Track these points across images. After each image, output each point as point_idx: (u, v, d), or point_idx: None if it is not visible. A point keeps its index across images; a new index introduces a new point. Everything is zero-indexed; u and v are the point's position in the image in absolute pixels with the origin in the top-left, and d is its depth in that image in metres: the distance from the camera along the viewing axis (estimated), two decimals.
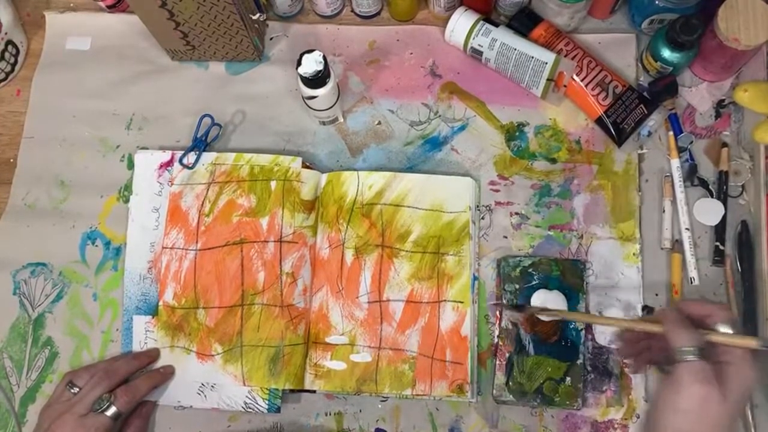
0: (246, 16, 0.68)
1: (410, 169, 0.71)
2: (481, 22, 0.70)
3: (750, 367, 0.45)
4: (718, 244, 0.66)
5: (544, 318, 0.63)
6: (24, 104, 0.75)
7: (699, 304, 0.49)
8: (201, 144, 0.70)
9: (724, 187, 0.68)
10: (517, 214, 0.69)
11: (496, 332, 0.65)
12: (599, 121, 0.69)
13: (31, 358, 0.67)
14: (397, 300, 0.65)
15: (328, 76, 0.65)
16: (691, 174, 0.69)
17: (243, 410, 0.64)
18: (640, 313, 0.65)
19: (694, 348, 0.45)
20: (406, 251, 0.66)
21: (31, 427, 0.63)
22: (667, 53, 0.67)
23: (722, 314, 0.47)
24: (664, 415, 0.45)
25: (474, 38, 0.70)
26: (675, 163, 0.68)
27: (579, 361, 0.63)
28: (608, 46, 0.73)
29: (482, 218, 0.69)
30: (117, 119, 0.74)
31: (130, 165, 0.72)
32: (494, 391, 0.64)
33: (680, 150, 0.69)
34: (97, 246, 0.70)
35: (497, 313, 0.65)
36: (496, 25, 0.70)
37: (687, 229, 0.67)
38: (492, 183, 0.70)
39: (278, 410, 0.64)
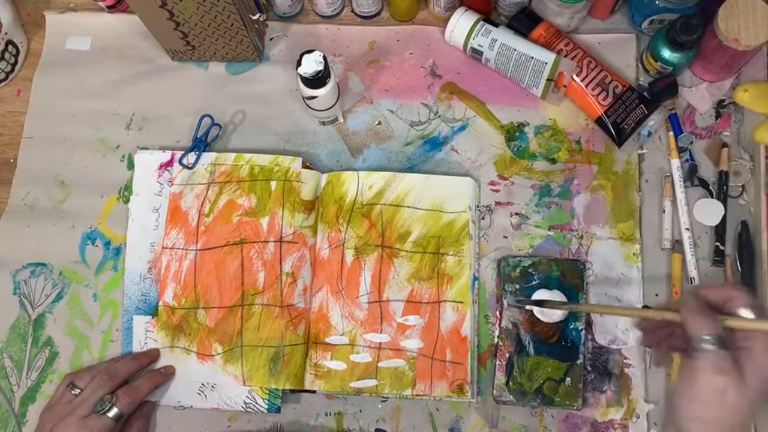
0: (246, 16, 0.68)
1: (410, 169, 0.71)
2: (481, 22, 0.70)
3: None
4: (718, 244, 0.66)
5: (561, 310, 0.60)
6: (24, 104, 0.75)
7: (719, 289, 0.46)
8: (201, 144, 0.70)
9: (724, 188, 0.68)
10: (517, 214, 0.69)
11: (496, 332, 0.65)
12: (599, 121, 0.69)
13: (31, 358, 0.67)
14: (397, 300, 0.65)
15: (328, 76, 0.65)
16: (691, 174, 0.69)
17: (243, 410, 0.64)
18: None
19: (712, 336, 0.43)
20: (406, 251, 0.66)
21: (32, 427, 0.63)
22: (667, 53, 0.67)
23: (744, 298, 0.45)
24: (682, 402, 0.45)
25: (474, 38, 0.70)
26: (675, 163, 0.68)
27: (579, 361, 0.63)
28: (608, 46, 0.73)
29: (482, 218, 0.69)
30: (117, 119, 0.74)
31: (130, 165, 0.72)
32: (494, 392, 0.64)
33: (680, 150, 0.69)
34: (97, 246, 0.70)
35: (497, 313, 0.65)
36: (496, 25, 0.70)
37: (687, 229, 0.67)
38: (492, 183, 0.70)
39: (278, 410, 0.64)
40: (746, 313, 0.44)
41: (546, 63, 0.67)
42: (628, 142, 0.69)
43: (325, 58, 0.63)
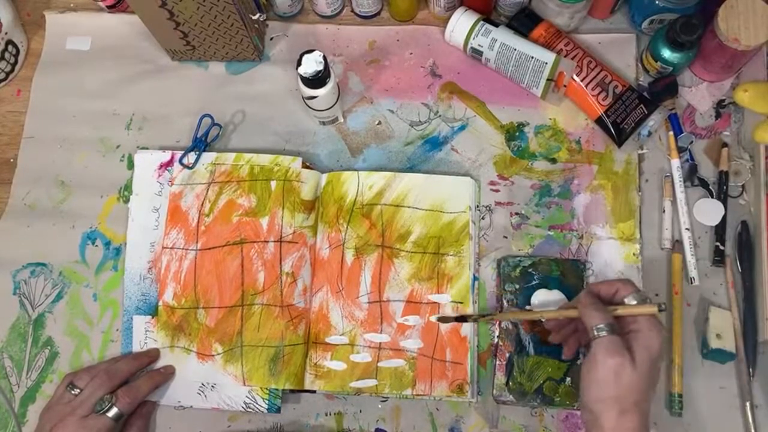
0: (246, 16, 0.68)
1: (410, 169, 0.71)
2: (481, 22, 0.70)
3: (656, 331, 0.50)
4: (718, 244, 0.66)
5: (471, 322, 0.64)
6: (24, 104, 0.75)
7: (608, 284, 0.54)
8: (201, 144, 0.70)
9: (724, 187, 0.68)
10: (517, 214, 0.69)
11: (496, 332, 0.65)
12: (599, 121, 0.69)
13: (31, 358, 0.67)
14: (397, 300, 0.65)
15: (328, 76, 0.65)
16: (691, 174, 0.69)
17: (243, 410, 0.64)
18: None
19: (604, 325, 0.50)
20: (406, 251, 0.66)
21: (31, 427, 0.63)
22: (667, 53, 0.67)
23: (627, 288, 0.52)
24: (586, 387, 0.50)
25: (474, 38, 0.70)
26: (675, 163, 0.68)
27: (579, 362, 0.63)
28: (608, 46, 0.73)
29: (482, 218, 0.69)
30: (117, 119, 0.74)
31: (130, 165, 0.72)
32: (494, 391, 0.64)
33: (680, 150, 0.69)
34: (97, 246, 0.70)
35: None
36: (496, 25, 0.70)
37: (687, 229, 0.67)
38: (492, 183, 0.70)
39: (278, 410, 0.64)
40: (631, 300, 0.52)
41: (546, 63, 0.67)
42: (628, 142, 0.69)
43: (325, 58, 0.63)
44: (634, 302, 0.52)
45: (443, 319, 0.64)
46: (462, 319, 0.64)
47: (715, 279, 0.66)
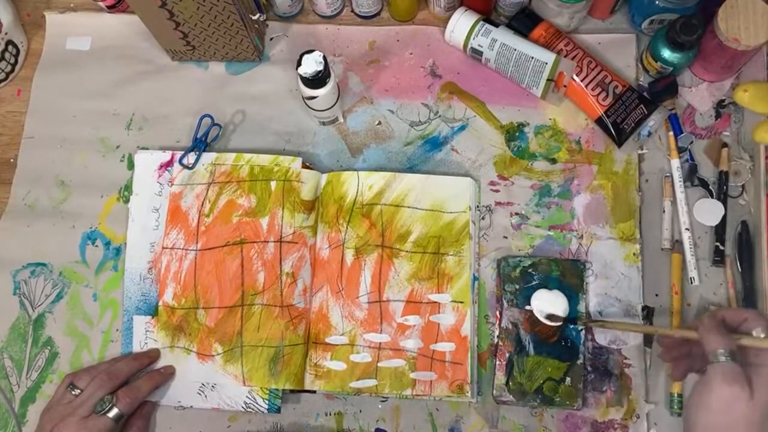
0: (246, 16, 0.68)
1: (410, 169, 0.71)
2: (481, 22, 0.70)
3: None
4: (718, 244, 0.66)
5: (602, 328, 0.63)
6: (24, 104, 0.75)
7: (736, 311, 0.51)
8: (201, 144, 0.70)
9: (724, 188, 0.68)
10: (517, 214, 0.69)
11: (496, 332, 0.65)
12: (599, 121, 0.69)
13: (31, 358, 0.67)
14: (397, 300, 0.65)
15: (328, 76, 0.65)
16: (691, 174, 0.69)
17: (243, 410, 0.64)
18: (640, 313, 0.65)
19: (725, 351, 0.47)
20: (406, 251, 0.66)
21: (32, 427, 0.63)
22: (667, 53, 0.67)
23: (758, 320, 0.49)
24: (697, 412, 0.48)
25: (474, 38, 0.70)
26: (675, 163, 0.68)
27: (579, 361, 0.63)
28: (608, 46, 0.73)
29: (482, 218, 0.69)
30: (117, 119, 0.74)
31: (130, 165, 0.72)
32: (494, 391, 0.64)
33: (680, 150, 0.69)
34: (97, 246, 0.70)
35: (497, 313, 0.65)
36: (496, 25, 0.70)
37: (687, 229, 0.67)
38: (492, 183, 0.70)
39: (278, 410, 0.64)
40: (759, 333, 0.48)
41: (546, 63, 0.67)
42: (628, 142, 0.69)
43: (325, 58, 0.63)
44: (763, 335, 0.48)
45: (552, 318, 0.63)
46: (572, 321, 0.63)
47: (715, 279, 0.66)
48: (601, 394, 0.64)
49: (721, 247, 0.66)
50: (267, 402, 0.64)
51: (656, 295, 0.66)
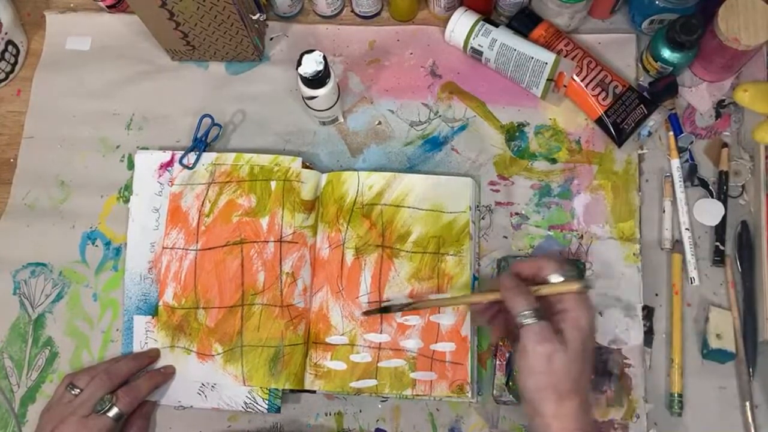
0: (246, 16, 0.68)
1: (410, 169, 0.71)
2: (481, 22, 0.70)
3: (583, 308, 0.49)
4: (718, 244, 0.66)
5: (397, 312, 0.63)
6: (24, 104, 0.75)
7: (528, 263, 0.52)
8: (201, 144, 0.70)
9: (724, 187, 0.68)
10: (517, 214, 0.69)
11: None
12: (599, 121, 0.69)
13: (31, 358, 0.67)
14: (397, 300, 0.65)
15: (328, 76, 0.65)
16: (691, 174, 0.69)
17: (243, 410, 0.64)
18: (640, 313, 0.65)
19: (530, 311, 0.48)
20: (407, 251, 0.66)
21: (32, 427, 0.63)
22: (667, 53, 0.67)
23: (550, 266, 0.50)
24: (524, 377, 0.49)
25: (474, 38, 0.70)
26: (675, 163, 0.68)
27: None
28: (608, 46, 0.73)
29: (482, 218, 0.69)
30: (117, 119, 0.74)
31: (130, 165, 0.72)
32: (494, 392, 0.64)
33: (680, 150, 0.69)
34: (97, 246, 0.70)
35: None
36: (496, 25, 0.70)
37: (687, 229, 0.67)
38: (492, 183, 0.70)
39: (278, 410, 0.64)
40: (555, 278, 0.50)
41: (546, 63, 0.67)
42: (628, 142, 0.69)
43: (325, 58, 0.63)
44: (558, 279, 0.49)
45: (367, 313, 0.63)
46: (385, 310, 0.63)
47: (715, 279, 0.66)
48: (601, 394, 0.64)
49: (721, 247, 0.66)
50: (267, 402, 0.64)
51: (656, 294, 0.66)
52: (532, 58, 0.67)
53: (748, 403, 0.62)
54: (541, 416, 0.48)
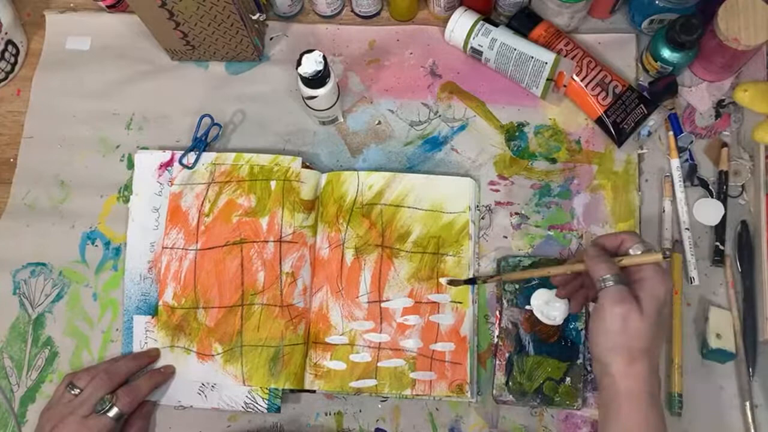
0: (246, 16, 0.68)
1: (410, 169, 0.71)
2: (481, 22, 0.70)
3: (661, 279, 0.51)
4: (718, 244, 0.66)
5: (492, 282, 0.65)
6: (24, 104, 0.75)
7: (611, 236, 0.55)
8: (201, 144, 0.70)
9: (724, 187, 0.68)
10: (517, 214, 0.69)
11: (496, 332, 0.65)
12: (599, 121, 0.69)
13: (31, 358, 0.67)
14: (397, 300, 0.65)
15: (328, 76, 0.65)
16: (691, 174, 0.69)
17: (243, 410, 0.64)
18: None
19: (611, 276, 0.51)
20: (406, 251, 0.66)
21: (31, 427, 0.63)
22: (667, 53, 0.67)
23: (632, 239, 0.53)
24: (597, 336, 0.51)
25: (474, 38, 0.70)
26: (675, 163, 0.68)
27: (579, 361, 0.63)
28: (608, 46, 0.73)
29: (482, 218, 0.69)
30: (117, 119, 0.74)
31: (130, 165, 0.72)
32: (494, 391, 0.64)
33: (680, 150, 0.69)
34: (97, 246, 0.70)
35: (497, 312, 0.65)
36: (496, 25, 0.70)
37: (687, 229, 0.67)
38: (492, 183, 0.70)
39: (278, 410, 0.64)
40: (636, 251, 0.52)
41: (546, 63, 0.67)
42: (628, 142, 0.69)
43: (325, 58, 0.63)
44: (639, 252, 0.52)
45: (453, 282, 0.65)
46: (471, 281, 0.64)
47: (715, 279, 0.66)
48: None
49: (721, 247, 0.66)
50: (267, 402, 0.64)
51: None
52: (532, 57, 0.67)
53: (747, 403, 0.62)
54: (610, 375, 0.50)
